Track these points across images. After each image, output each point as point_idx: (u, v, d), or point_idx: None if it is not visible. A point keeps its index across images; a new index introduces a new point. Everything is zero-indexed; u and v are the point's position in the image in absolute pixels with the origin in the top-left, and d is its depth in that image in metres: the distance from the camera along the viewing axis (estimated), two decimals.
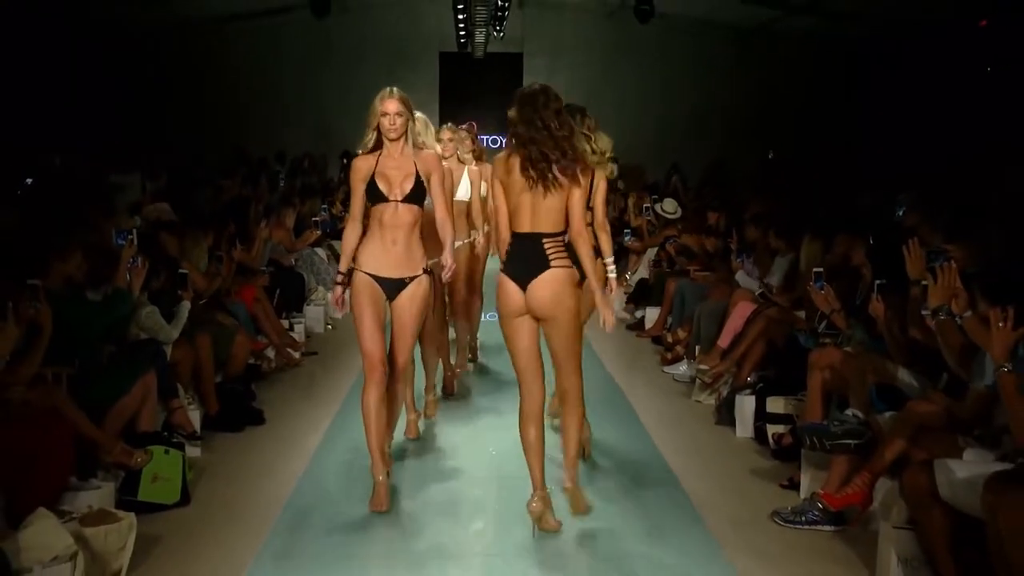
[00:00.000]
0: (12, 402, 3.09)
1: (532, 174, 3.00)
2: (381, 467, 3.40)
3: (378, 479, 3.39)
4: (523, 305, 3.05)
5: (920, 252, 3.45)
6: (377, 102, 3.36)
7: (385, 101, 3.34)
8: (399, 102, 3.34)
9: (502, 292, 3.08)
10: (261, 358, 5.30)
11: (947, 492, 2.65)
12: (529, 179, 3.01)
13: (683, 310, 5.85)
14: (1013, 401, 2.60)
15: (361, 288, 3.36)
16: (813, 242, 4.63)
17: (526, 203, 3.03)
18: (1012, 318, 2.62)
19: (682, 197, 8.07)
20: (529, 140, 3.00)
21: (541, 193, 3.00)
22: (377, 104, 3.35)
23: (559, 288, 3.01)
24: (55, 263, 3.63)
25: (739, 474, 3.88)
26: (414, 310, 3.41)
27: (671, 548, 3.14)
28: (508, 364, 3.34)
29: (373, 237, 3.39)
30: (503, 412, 4.68)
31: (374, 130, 3.36)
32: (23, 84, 9.01)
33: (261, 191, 8.03)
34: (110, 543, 2.83)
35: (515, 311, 3.06)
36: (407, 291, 3.40)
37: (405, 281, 3.40)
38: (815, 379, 3.70)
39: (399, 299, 3.41)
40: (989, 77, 9.00)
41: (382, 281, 3.39)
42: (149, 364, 3.76)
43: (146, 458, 3.40)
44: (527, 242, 3.03)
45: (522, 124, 3.01)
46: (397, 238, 3.36)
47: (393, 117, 3.32)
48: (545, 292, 3.01)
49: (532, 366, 3.12)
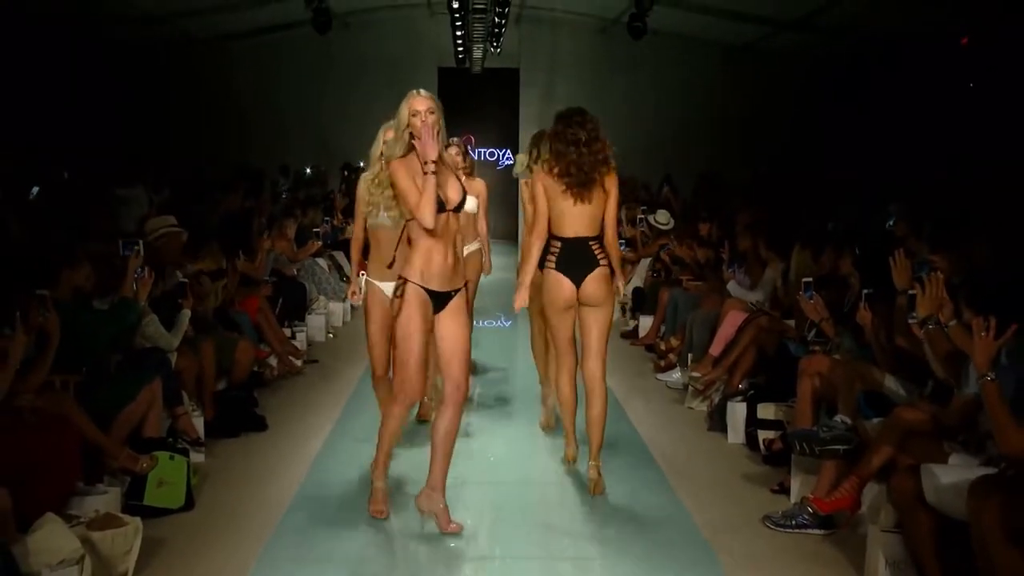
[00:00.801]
0: (21, 409, 3.14)
1: (575, 186, 3.49)
2: (382, 474, 3.45)
3: (376, 485, 3.45)
4: (573, 298, 3.61)
5: (906, 263, 3.53)
6: (406, 105, 3.08)
7: (414, 100, 3.06)
8: (429, 99, 3.08)
9: (554, 286, 3.60)
10: (264, 366, 5.37)
11: (933, 497, 2.71)
12: (572, 189, 3.50)
13: (676, 319, 5.94)
14: (995, 409, 2.64)
15: (418, 301, 3.11)
16: (802, 252, 4.72)
17: (570, 211, 3.57)
18: (994, 328, 2.68)
19: (674, 208, 8.16)
20: (568, 155, 3.49)
21: (584, 202, 3.55)
22: (407, 106, 3.08)
23: (606, 283, 3.63)
24: (63, 273, 3.70)
25: (731, 479, 3.94)
26: (461, 320, 3.20)
27: (664, 552, 3.19)
28: (505, 373, 3.43)
29: (424, 249, 3.12)
30: (500, 420, 4.75)
31: (407, 131, 3.07)
32: (29, 98, 9.11)
33: (263, 203, 8.11)
34: (116, 547, 2.88)
35: (566, 303, 3.62)
36: (455, 303, 3.19)
37: (452, 294, 3.18)
38: (805, 386, 3.77)
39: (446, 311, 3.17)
40: (971, 93, 9.17)
41: (434, 294, 3.14)
42: (155, 372, 3.82)
43: (151, 464, 3.46)
44: (576, 245, 3.60)
45: (561, 142, 3.52)
46: (449, 249, 3.14)
47: (425, 115, 3.04)
48: (597, 286, 3.60)
49: (572, 346, 3.75)
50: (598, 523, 3.47)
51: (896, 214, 6.29)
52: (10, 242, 4.92)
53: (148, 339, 4.09)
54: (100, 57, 10.53)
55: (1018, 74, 8.10)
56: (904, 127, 10.02)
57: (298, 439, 4.40)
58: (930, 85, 9.50)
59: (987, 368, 2.68)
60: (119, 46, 10.80)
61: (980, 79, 8.99)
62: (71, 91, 9.88)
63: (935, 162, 9.07)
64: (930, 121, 9.45)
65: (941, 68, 9.32)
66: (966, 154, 8.64)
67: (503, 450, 4.29)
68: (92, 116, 10.29)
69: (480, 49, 11.76)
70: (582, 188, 3.54)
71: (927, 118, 9.52)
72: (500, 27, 10.74)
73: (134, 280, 3.96)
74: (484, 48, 11.76)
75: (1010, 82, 8.30)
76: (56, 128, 9.50)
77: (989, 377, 2.68)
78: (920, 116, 9.66)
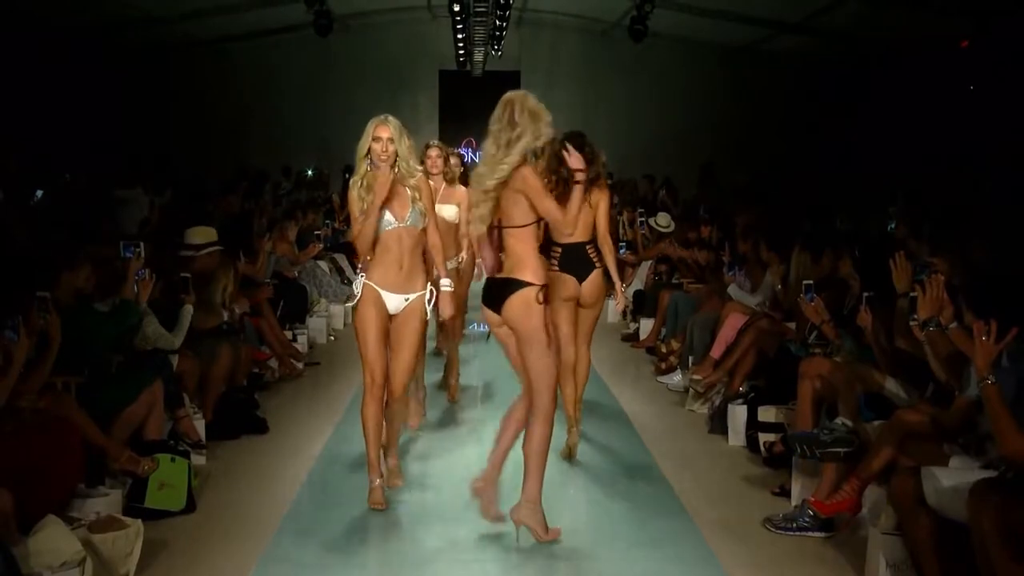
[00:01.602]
0: (23, 411, 3.15)
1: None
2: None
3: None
4: (577, 291, 4.01)
5: (907, 265, 3.54)
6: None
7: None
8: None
9: (560, 284, 3.95)
10: (265, 368, 5.37)
11: (933, 499, 2.71)
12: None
13: (676, 321, 5.94)
14: (996, 411, 2.63)
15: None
16: (802, 254, 4.73)
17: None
18: (994, 331, 2.68)
19: (672, 211, 8.17)
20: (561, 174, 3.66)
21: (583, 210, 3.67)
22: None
23: (601, 283, 4.08)
24: (64, 275, 3.71)
25: (731, 482, 3.95)
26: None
27: (665, 555, 3.20)
28: (501, 377, 3.45)
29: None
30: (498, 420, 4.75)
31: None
32: (30, 100, 9.13)
33: (264, 205, 8.12)
34: (118, 549, 2.89)
35: (570, 298, 4.02)
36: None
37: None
38: (805, 389, 3.78)
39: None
40: (971, 95, 9.20)
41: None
42: (156, 374, 3.83)
43: (153, 466, 3.46)
44: (576, 248, 4.01)
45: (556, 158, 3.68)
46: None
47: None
48: (595, 285, 4.05)
49: (571, 342, 4.07)
50: (597, 524, 3.48)
51: (896, 216, 6.29)
52: (14, 245, 4.93)
53: (148, 340, 4.09)
54: (101, 59, 10.55)
55: (1018, 76, 8.12)
56: (904, 129, 10.05)
57: (299, 441, 4.40)
58: (930, 87, 9.53)
59: (987, 371, 2.68)
60: (121, 48, 10.83)
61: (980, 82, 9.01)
62: (72, 93, 9.89)
63: (935, 164, 9.09)
64: (930, 123, 9.48)
65: (941, 70, 9.34)
66: (966, 156, 8.66)
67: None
68: (93, 118, 10.32)
69: (481, 52, 11.79)
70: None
71: (927, 120, 9.55)
72: (501, 30, 10.77)
73: (135, 282, 3.96)
74: (485, 51, 11.79)
75: (1010, 85, 8.32)
76: (57, 130, 9.51)
77: (989, 380, 2.67)
78: (920, 118, 9.69)
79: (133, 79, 11.36)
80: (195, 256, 4.65)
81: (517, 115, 3.15)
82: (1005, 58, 8.30)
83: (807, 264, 4.66)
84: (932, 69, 9.49)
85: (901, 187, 8.16)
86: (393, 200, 3.43)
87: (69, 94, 9.87)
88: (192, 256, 4.64)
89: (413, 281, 3.50)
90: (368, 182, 3.46)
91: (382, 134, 3.41)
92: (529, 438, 3.17)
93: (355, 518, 3.46)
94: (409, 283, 3.49)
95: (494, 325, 3.22)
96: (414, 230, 3.48)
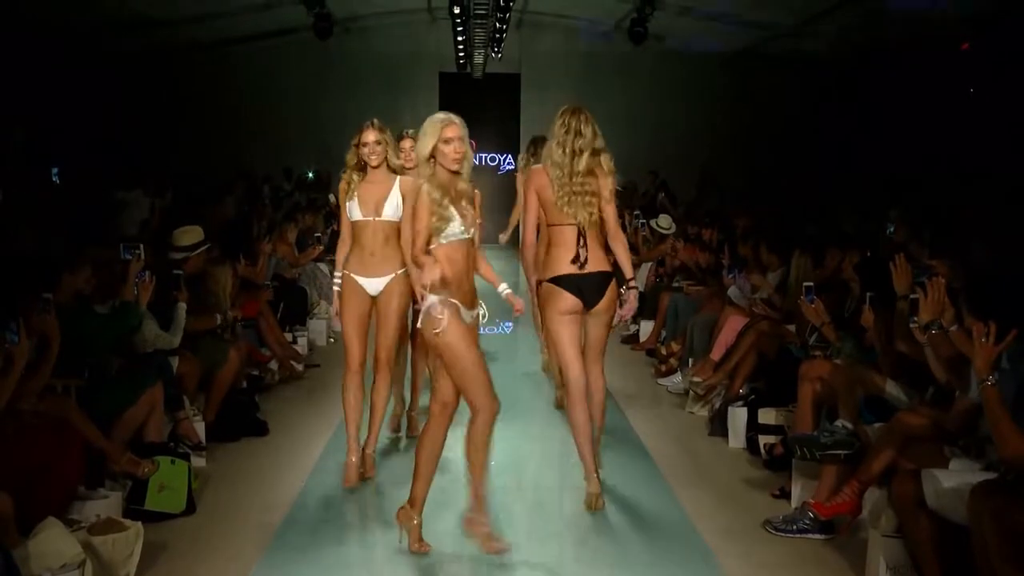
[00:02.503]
0: (23, 413, 3.15)
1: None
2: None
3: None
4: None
5: (907, 267, 3.54)
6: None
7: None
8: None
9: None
10: (265, 370, 5.37)
11: (934, 501, 2.72)
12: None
13: (676, 323, 5.94)
14: (996, 413, 2.64)
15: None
16: (803, 256, 4.74)
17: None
18: (994, 333, 2.68)
19: (671, 214, 8.18)
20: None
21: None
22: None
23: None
24: (65, 277, 3.72)
25: (732, 484, 3.95)
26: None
27: (665, 556, 3.20)
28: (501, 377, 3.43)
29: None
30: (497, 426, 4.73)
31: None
32: (30, 101, 9.15)
33: (263, 208, 8.13)
34: (117, 551, 2.90)
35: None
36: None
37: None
38: (805, 391, 3.78)
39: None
40: (971, 98, 9.21)
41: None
42: (156, 376, 3.83)
43: (153, 468, 3.46)
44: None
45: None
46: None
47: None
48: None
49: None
50: (598, 528, 3.47)
51: (896, 219, 6.29)
52: (21, 246, 4.94)
53: (146, 342, 4.09)
54: (102, 62, 10.58)
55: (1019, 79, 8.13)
56: (904, 133, 10.06)
57: (299, 443, 4.41)
58: (930, 91, 9.54)
59: (987, 373, 2.68)
60: (121, 51, 10.85)
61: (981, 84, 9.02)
62: (73, 95, 9.92)
63: (935, 167, 9.09)
64: (930, 127, 9.48)
65: (941, 74, 9.36)
66: (966, 159, 8.67)
67: (500, 456, 4.27)
68: (94, 120, 10.34)
69: (481, 54, 11.80)
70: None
71: (927, 124, 9.56)
72: (501, 32, 10.78)
73: (135, 284, 3.96)
74: (485, 53, 11.80)
75: (1011, 87, 8.32)
76: (58, 132, 9.53)
77: (989, 382, 2.68)
78: (920, 122, 9.69)
79: (133, 81, 11.38)
80: (188, 257, 4.64)
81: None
82: (1005, 61, 8.31)
83: (807, 266, 4.67)
84: (932, 73, 9.50)
85: (901, 190, 8.17)
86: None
87: (70, 96, 9.89)
88: (186, 258, 4.62)
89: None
90: (440, 184, 3.10)
91: (454, 134, 3.02)
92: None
93: (355, 520, 3.46)
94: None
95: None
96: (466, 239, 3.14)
